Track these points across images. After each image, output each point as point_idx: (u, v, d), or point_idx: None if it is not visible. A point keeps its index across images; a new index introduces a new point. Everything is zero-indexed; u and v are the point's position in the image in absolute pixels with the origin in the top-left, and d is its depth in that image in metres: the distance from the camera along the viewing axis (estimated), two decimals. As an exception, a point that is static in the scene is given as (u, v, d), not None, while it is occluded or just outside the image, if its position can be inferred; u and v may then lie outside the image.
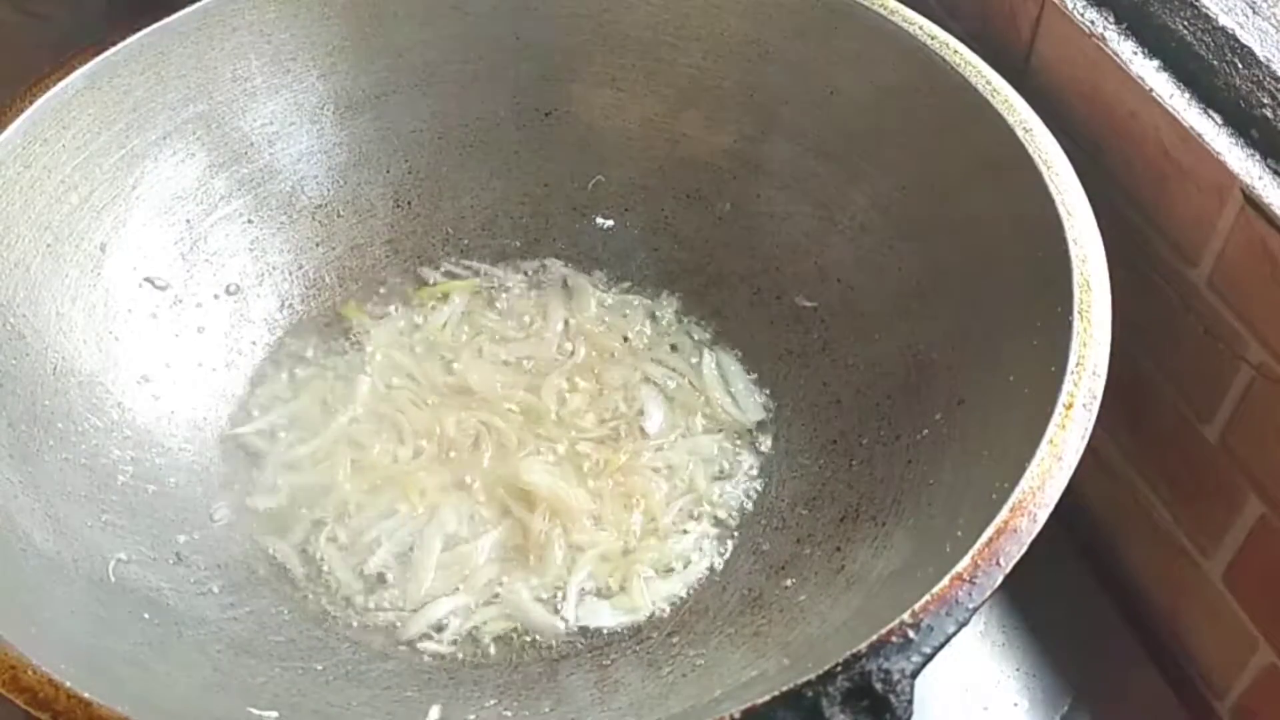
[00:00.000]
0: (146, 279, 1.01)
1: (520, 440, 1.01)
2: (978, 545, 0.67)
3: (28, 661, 0.66)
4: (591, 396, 1.05)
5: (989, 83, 0.91)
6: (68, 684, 0.65)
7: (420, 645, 0.90)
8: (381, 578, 0.94)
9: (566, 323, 1.11)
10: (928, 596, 0.65)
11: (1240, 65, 0.84)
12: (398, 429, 1.03)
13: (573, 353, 1.09)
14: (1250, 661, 0.91)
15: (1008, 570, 0.67)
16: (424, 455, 1.01)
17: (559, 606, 0.92)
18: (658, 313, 1.12)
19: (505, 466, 0.99)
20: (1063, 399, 0.73)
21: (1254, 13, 0.85)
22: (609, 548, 0.95)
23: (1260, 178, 0.80)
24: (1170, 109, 0.85)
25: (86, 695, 0.64)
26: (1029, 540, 0.68)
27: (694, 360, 1.08)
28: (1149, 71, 0.88)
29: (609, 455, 1.00)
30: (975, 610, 0.66)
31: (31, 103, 0.93)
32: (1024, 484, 0.70)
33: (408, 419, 1.03)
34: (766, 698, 0.62)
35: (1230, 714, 0.95)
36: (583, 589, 0.93)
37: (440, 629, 0.91)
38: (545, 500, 0.96)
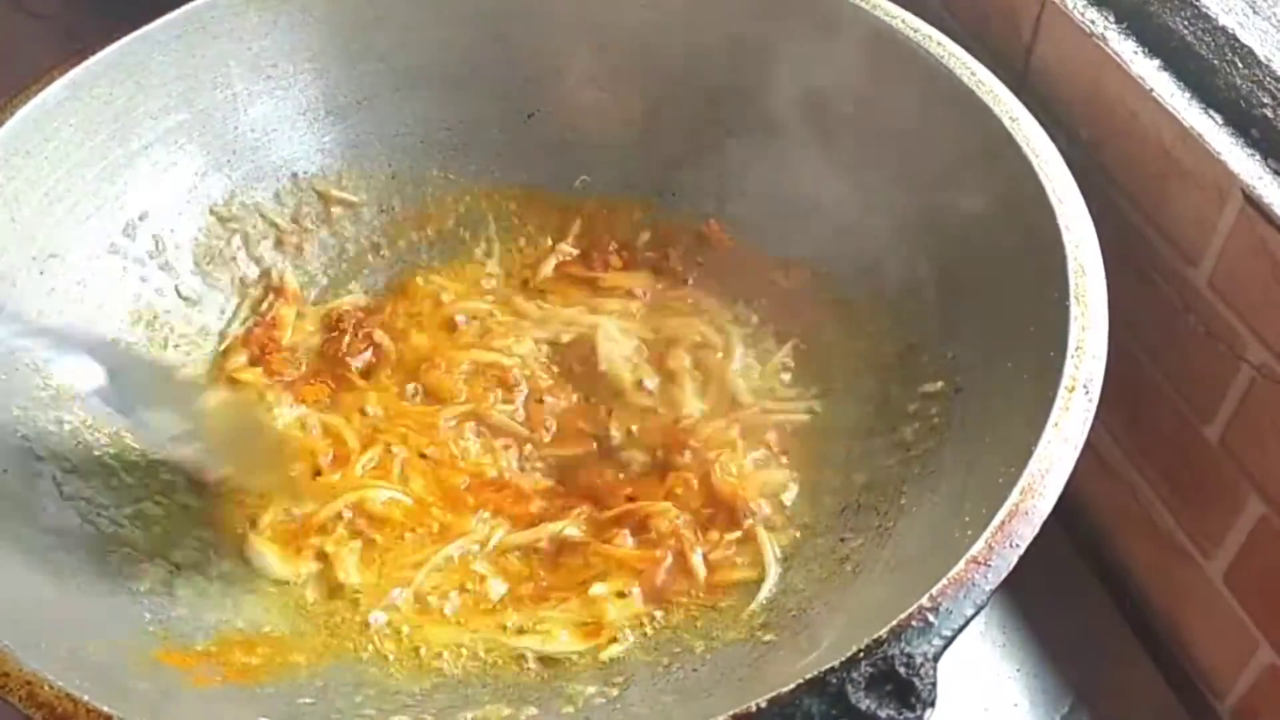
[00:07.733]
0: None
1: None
2: (991, 528, 0.68)
3: (43, 677, 0.65)
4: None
5: (973, 74, 0.92)
6: (86, 698, 0.64)
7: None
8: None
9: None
10: (945, 580, 0.66)
11: (1240, 65, 0.84)
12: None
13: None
14: (1250, 661, 0.92)
15: (1021, 551, 0.68)
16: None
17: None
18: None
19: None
20: (1064, 382, 0.74)
21: (1254, 13, 0.86)
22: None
23: (1260, 178, 0.80)
24: (1170, 109, 0.85)
25: (106, 709, 0.64)
26: (1040, 522, 0.69)
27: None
28: (1149, 71, 0.88)
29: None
30: (991, 593, 0.66)
31: (12, 114, 0.92)
32: (1033, 467, 0.70)
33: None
34: (791, 686, 0.62)
35: (1230, 714, 0.96)
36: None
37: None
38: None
